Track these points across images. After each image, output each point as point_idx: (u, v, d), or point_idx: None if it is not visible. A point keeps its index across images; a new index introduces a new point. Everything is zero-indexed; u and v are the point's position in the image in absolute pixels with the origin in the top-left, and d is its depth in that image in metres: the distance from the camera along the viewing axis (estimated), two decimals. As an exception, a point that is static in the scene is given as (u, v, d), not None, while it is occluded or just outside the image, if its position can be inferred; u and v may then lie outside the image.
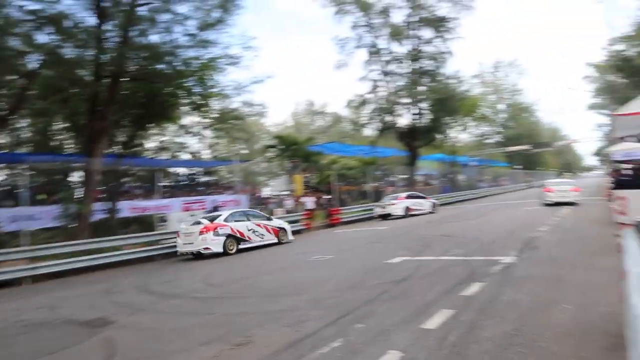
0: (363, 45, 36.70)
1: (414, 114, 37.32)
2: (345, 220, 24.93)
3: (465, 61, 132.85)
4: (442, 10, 36.10)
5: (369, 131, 39.57)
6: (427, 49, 37.17)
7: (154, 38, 17.66)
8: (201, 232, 14.71)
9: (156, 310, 7.79)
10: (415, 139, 37.21)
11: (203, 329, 6.21)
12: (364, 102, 37.90)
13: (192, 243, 14.90)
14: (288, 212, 25.72)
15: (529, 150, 59.37)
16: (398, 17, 36.94)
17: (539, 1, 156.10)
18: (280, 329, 5.81)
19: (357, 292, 7.56)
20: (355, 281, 8.47)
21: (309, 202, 26.19)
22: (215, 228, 14.93)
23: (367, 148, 38.26)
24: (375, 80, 37.38)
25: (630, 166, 16.44)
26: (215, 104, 28.78)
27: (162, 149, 36.32)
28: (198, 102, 25.55)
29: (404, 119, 38.18)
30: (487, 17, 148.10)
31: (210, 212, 19.07)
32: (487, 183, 52.46)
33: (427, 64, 37.57)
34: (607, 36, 67.25)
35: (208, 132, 36.85)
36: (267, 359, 4.81)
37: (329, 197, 27.93)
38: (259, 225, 16.38)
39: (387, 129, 37.38)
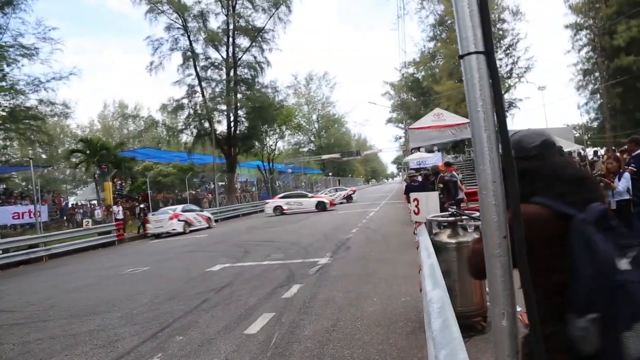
0: (178, 49, 35.74)
1: (231, 121, 37.41)
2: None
3: (281, 72, 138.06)
4: (260, 20, 37.06)
5: (186, 137, 38.55)
6: (245, 57, 37.74)
7: None
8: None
9: None
10: (233, 146, 37.31)
11: (-10, 365, 5.28)
12: (179, 107, 36.82)
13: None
14: (97, 222, 23.61)
15: (339, 158, 63.93)
16: (215, 23, 36.83)
17: (346, 20, 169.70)
18: (90, 352, 5.24)
19: (175, 303, 7.22)
20: (174, 292, 8.09)
21: (120, 211, 24.38)
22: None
23: (184, 155, 37.22)
24: (191, 86, 36.71)
25: (419, 174, 18.80)
26: (5, 101, 25.20)
27: None
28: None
29: (221, 126, 38.05)
30: (302, 31, 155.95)
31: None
32: (303, 189, 55.03)
33: (244, 72, 38.14)
34: (400, 60, 76.11)
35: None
36: (74, 386, 4.29)
37: (144, 205, 26.38)
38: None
39: (203, 135, 36.82)
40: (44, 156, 46.30)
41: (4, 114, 27.22)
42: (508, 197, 1.04)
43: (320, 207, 28.41)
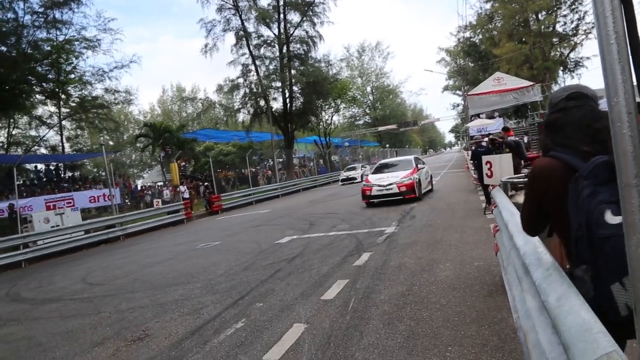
0: (231, 29, 36.06)
1: (286, 98, 37.62)
2: (227, 206, 24.57)
3: (334, 45, 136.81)
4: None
5: (243, 116, 39.19)
6: (297, 32, 37.62)
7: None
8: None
9: (31, 318, 7.00)
10: (289, 122, 37.60)
11: (92, 330, 5.74)
12: (235, 87, 37.31)
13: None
14: (165, 202, 24.69)
15: (396, 129, 63.12)
16: (265, 0, 36.83)
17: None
18: (178, 319, 5.59)
19: (250, 273, 7.52)
20: (247, 264, 8.42)
21: (186, 191, 25.38)
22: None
23: (242, 133, 37.91)
24: (245, 65, 37.03)
25: (485, 139, 18.31)
26: (75, 92, 26.56)
27: (13, 143, 32.69)
28: (53, 90, 23.34)
29: (277, 103, 38.37)
30: (353, 1, 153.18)
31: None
32: (360, 162, 54.94)
33: (297, 48, 38.06)
34: (456, 24, 73.44)
35: (67, 123, 33.99)
36: (170, 349, 4.60)
37: (207, 184, 27.28)
38: None
39: (260, 113, 37.28)
40: (111, 143, 48.53)
41: (74, 104, 28.75)
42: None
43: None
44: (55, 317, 6.82)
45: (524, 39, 36.27)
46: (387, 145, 71.70)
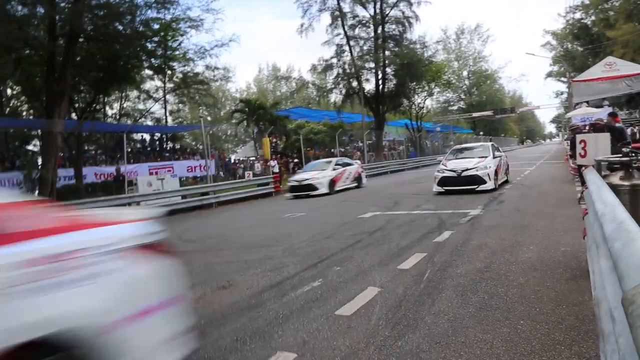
0: (327, 9, 36.19)
1: (379, 79, 37.32)
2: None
3: (430, 26, 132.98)
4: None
5: (335, 96, 39.49)
6: (393, 13, 37.00)
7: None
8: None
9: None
10: (381, 104, 37.33)
11: (184, 277, 6.27)
12: (328, 67, 37.57)
13: None
14: (256, 175, 25.73)
15: (492, 116, 60.46)
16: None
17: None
18: (260, 274, 5.96)
19: (331, 242, 7.76)
20: (329, 233, 8.67)
21: (276, 165, 26.30)
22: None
23: (333, 113, 38.24)
24: (339, 45, 37.06)
25: (587, 129, 17.18)
26: (178, 68, 28.20)
27: (124, 114, 35.54)
28: (160, 66, 24.95)
29: (369, 84, 38.16)
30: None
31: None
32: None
33: (392, 29, 37.46)
34: (565, 3, 68.33)
35: (171, 98, 36.31)
36: (251, 298, 4.95)
37: (297, 161, 28.00)
38: None
39: (352, 94, 37.32)
40: (209, 118, 51.00)
41: (177, 80, 30.58)
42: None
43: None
44: (152, 265, 7.51)
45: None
46: (482, 133, 69.00)
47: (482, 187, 13.28)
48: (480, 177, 13.37)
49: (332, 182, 18.77)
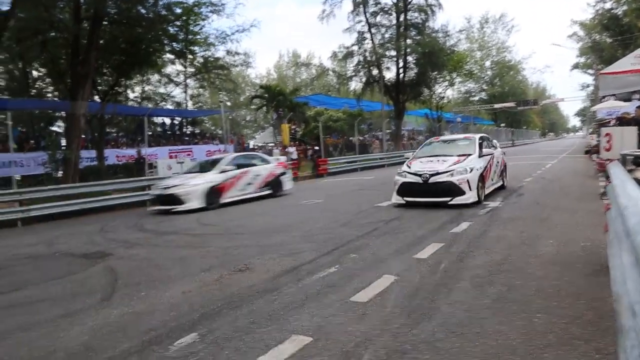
0: (348, -5, 35.76)
1: (399, 68, 36.94)
2: (332, 171, 25.09)
3: (453, 15, 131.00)
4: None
5: (355, 84, 39.18)
6: (415, 0, 36.46)
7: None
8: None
9: (152, 245, 7.95)
10: (401, 92, 36.97)
11: (201, 259, 6.39)
12: (349, 54, 37.24)
13: None
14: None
15: (514, 108, 59.54)
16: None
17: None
18: (277, 259, 6.02)
19: (347, 229, 7.79)
20: (345, 220, 8.71)
21: (295, 152, 26.34)
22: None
23: (352, 101, 38.03)
24: (361, 32, 36.61)
25: (612, 122, 16.87)
26: (199, 53, 28.30)
27: (145, 98, 35.82)
28: (181, 50, 25.06)
29: (390, 73, 37.77)
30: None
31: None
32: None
33: (414, 17, 36.90)
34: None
35: (192, 82, 36.47)
36: (267, 282, 5.00)
37: (316, 148, 28.00)
38: None
39: (372, 82, 37.00)
40: (228, 103, 51.19)
41: (198, 64, 30.71)
42: None
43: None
44: (171, 246, 7.68)
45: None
46: (503, 125, 68.06)
47: (458, 200, 9.37)
48: (456, 185, 9.40)
49: (215, 191, 12.96)
